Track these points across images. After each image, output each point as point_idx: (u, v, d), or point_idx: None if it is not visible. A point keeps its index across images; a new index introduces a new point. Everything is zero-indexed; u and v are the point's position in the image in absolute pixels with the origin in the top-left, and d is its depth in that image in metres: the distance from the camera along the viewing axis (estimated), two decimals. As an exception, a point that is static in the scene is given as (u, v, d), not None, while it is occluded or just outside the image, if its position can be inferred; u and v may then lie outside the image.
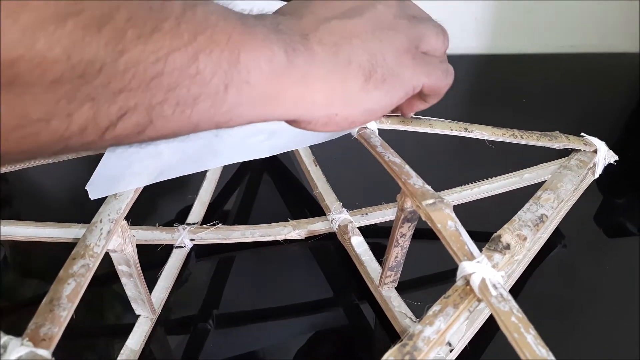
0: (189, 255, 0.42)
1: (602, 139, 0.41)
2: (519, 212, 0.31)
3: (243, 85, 0.20)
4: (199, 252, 0.42)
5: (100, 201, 0.31)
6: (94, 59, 0.16)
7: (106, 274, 0.34)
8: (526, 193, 0.34)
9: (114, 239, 0.30)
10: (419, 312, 0.35)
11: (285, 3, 0.27)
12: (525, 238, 0.29)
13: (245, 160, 0.35)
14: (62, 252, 0.29)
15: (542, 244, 0.39)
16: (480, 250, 0.26)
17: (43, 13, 0.14)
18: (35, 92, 0.15)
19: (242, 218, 0.46)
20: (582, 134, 0.42)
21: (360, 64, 0.23)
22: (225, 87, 0.19)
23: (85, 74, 0.16)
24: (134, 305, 0.35)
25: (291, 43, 0.21)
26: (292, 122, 0.24)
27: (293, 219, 0.44)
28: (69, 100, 0.16)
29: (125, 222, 0.31)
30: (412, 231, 0.33)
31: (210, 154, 0.33)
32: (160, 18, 0.17)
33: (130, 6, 0.16)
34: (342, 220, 0.42)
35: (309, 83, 0.22)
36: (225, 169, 0.50)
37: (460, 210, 0.29)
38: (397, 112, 0.36)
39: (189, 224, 0.43)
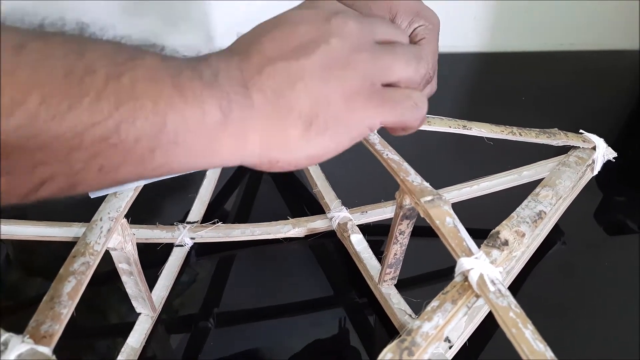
0: (189, 253, 0.42)
1: (601, 136, 0.42)
2: (517, 209, 0.31)
3: (170, 146, 0.19)
4: (199, 250, 0.42)
5: (100, 200, 0.31)
6: (5, 143, 0.16)
7: (107, 272, 0.34)
8: (525, 190, 0.34)
9: (114, 237, 0.30)
10: (418, 309, 0.35)
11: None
12: (523, 234, 0.29)
13: None
14: (63, 250, 0.29)
15: (541, 240, 0.39)
16: (479, 246, 0.27)
17: None
18: None
19: (242, 216, 0.46)
20: (581, 130, 0.42)
21: (300, 112, 0.22)
22: (150, 150, 0.19)
23: None
24: (134, 304, 0.35)
25: (228, 96, 0.20)
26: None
27: (293, 217, 0.44)
28: None
29: (125, 220, 0.31)
30: (411, 228, 0.33)
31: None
32: (78, 94, 0.17)
33: (45, 86, 0.16)
34: (342, 218, 0.42)
35: (246, 135, 0.21)
36: (225, 168, 0.50)
37: (459, 208, 0.29)
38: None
39: (189, 223, 0.43)
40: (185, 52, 0.22)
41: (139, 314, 0.36)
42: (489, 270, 0.24)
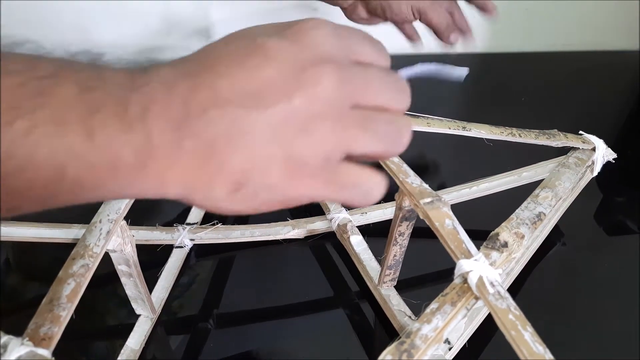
0: (188, 255, 0.42)
1: (600, 137, 0.42)
2: (516, 210, 0.31)
3: (74, 188, 0.18)
4: (199, 252, 0.42)
5: (100, 202, 0.31)
6: None
7: (106, 274, 0.34)
8: (524, 191, 0.34)
9: (114, 239, 0.30)
10: (418, 310, 0.35)
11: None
12: (522, 236, 0.29)
13: None
14: (63, 252, 0.29)
15: (541, 242, 0.39)
16: (478, 248, 0.27)
17: None
18: None
19: (241, 218, 0.46)
20: (581, 132, 0.42)
21: (232, 173, 0.19)
22: (50, 195, 0.18)
23: None
24: (134, 305, 0.35)
25: (150, 140, 0.18)
26: None
27: (292, 219, 0.44)
28: None
29: (124, 222, 0.31)
30: (411, 230, 0.33)
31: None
32: None
33: None
34: (341, 219, 0.42)
35: (165, 180, 0.19)
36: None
37: (459, 209, 0.29)
38: None
39: (188, 224, 0.43)
40: (184, 52, 0.21)
41: (139, 315, 0.36)
42: (488, 272, 0.24)
